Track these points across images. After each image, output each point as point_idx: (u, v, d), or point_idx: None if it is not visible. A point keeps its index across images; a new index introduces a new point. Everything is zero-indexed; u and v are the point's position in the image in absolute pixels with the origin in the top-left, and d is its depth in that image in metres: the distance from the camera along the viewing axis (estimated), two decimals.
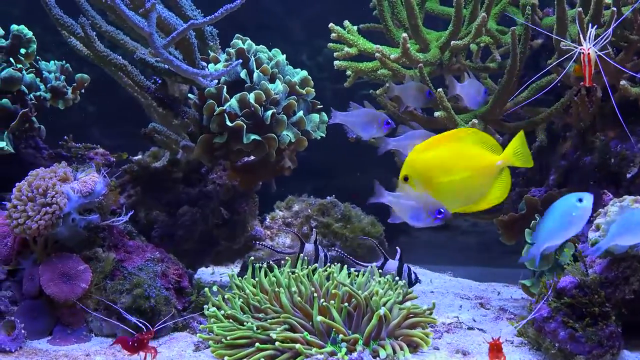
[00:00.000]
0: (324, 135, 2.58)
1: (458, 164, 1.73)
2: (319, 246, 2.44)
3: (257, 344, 1.89)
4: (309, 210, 2.87)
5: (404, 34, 2.39)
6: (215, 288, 2.16)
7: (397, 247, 2.39)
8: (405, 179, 1.70)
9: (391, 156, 3.09)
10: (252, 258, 2.16)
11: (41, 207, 2.22)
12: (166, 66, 2.32)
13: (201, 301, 2.31)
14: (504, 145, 1.87)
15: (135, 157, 2.79)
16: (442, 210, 2.20)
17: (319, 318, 1.91)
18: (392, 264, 2.32)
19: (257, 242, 2.75)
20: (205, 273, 3.08)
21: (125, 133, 3.73)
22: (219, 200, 2.75)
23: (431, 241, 3.13)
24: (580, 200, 1.72)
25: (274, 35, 2.78)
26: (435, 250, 2.45)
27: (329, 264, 2.36)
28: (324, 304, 1.94)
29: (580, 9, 2.13)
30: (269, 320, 1.99)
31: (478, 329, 2.34)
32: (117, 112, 3.91)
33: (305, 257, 2.32)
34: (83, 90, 2.93)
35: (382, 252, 2.37)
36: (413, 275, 2.31)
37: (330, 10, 4.36)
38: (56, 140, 2.98)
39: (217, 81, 2.36)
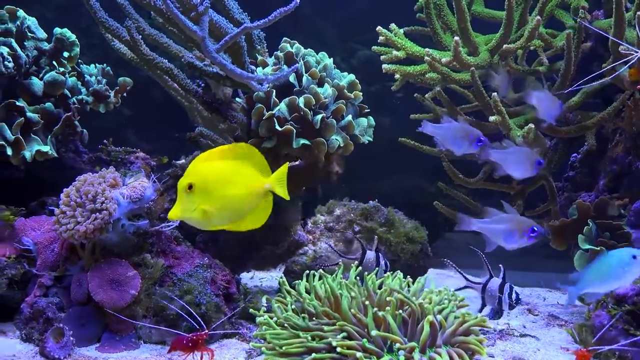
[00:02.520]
0: (371, 139, 2.54)
1: (235, 179, 1.66)
2: (380, 254, 2.36)
3: (313, 354, 1.85)
4: (352, 215, 2.82)
5: (456, 38, 2.35)
6: (264, 299, 2.12)
7: (501, 265, 2.21)
8: (189, 187, 1.62)
9: (428, 160, 3.05)
10: (309, 272, 2.11)
11: (90, 213, 2.19)
12: (214, 69, 2.29)
13: (249, 306, 2.28)
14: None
15: (179, 162, 2.76)
16: (536, 228, 2.13)
17: (374, 332, 1.88)
18: (495, 282, 2.17)
19: (328, 248, 2.68)
20: (245, 278, 3.06)
21: (158, 136, 3.71)
22: None
23: (469, 245, 3.05)
24: (635, 257, 1.66)
25: (306, 37, 2.73)
26: (474, 254, 2.39)
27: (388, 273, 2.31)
28: (381, 314, 1.91)
29: None
30: (325, 327, 1.95)
31: (531, 335, 2.31)
32: (151, 115, 3.90)
33: (367, 264, 2.28)
34: (125, 94, 2.91)
35: (489, 268, 2.18)
36: (514, 296, 2.14)
37: (365, 12, 4.34)
38: (91, 143, 2.96)
39: (267, 85, 2.33)
